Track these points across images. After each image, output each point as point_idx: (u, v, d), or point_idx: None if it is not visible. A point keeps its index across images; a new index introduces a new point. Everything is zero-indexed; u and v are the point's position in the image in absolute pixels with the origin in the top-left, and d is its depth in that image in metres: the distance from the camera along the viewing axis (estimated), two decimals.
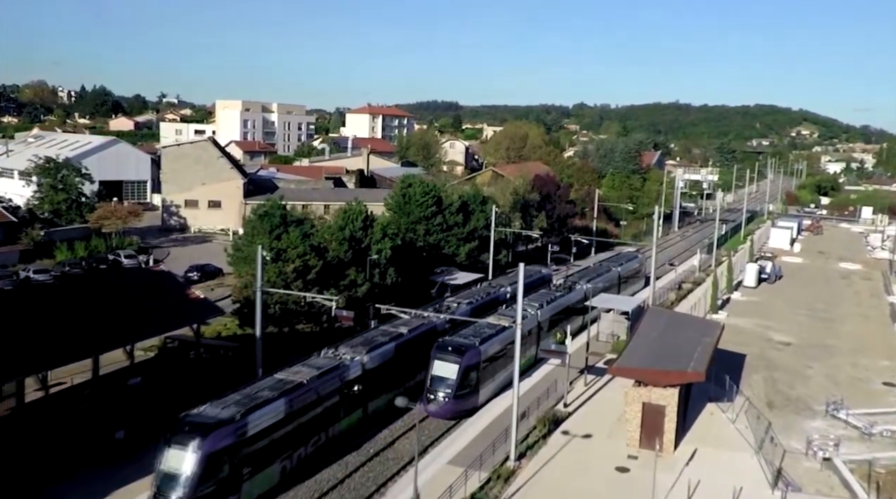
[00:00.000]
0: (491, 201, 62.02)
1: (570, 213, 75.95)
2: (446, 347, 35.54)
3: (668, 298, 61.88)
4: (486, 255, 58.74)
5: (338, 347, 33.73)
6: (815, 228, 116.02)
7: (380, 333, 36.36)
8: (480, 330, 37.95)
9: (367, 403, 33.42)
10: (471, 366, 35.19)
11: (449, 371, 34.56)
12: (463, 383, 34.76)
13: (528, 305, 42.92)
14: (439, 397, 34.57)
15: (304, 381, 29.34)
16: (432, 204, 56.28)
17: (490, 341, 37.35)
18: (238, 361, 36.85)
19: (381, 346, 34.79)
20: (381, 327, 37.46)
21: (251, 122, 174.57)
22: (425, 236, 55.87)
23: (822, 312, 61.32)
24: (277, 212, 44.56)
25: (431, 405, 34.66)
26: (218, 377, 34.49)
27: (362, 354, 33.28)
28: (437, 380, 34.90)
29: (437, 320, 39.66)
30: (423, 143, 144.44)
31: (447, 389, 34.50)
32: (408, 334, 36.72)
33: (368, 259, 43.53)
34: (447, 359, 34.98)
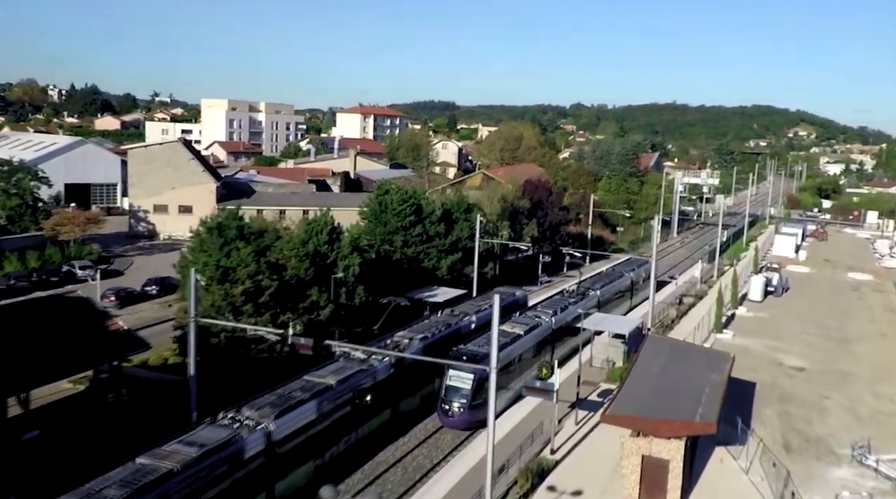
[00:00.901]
0: (476, 209, 57.17)
1: (563, 220, 71.19)
2: (461, 357, 34.68)
3: (669, 314, 57.05)
4: (471, 268, 53.92)
5: (240, 409, 26.53)
6: (820, 234, 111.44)
7: (300, 387, 28.97)
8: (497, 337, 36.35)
9: (272, 485, 26.38)
10: (486, 376, 32.12)
11: (464, 381, 34.09)
12: (478, 393, 33.69)
13: (542, 312, 43.49)
14: (454, 407, 34.00)
15: (173, 468, 21.40)
16: (411, 213, 51.43)
17: (506, 349, 36.32)
18: (175, 400, 31.87)
19: (298, 405, 27.62)
20: (305, 376, 30.06)
21: (237, 122, 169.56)
22: (403, 249, 51.01)
23: (834, 331, 56.55)
24: (233, 224, 39.58)
25: (447, 416, 34.17)
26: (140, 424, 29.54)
27: (269, 420, 26.01)
28: (452, 390, 34.31)
29: (379, 365, 32.29)
30: (412, 144, 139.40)
31: (462, 399, 33.93)
32: (336, 387, 29.52)
33: (333, 278, 38.64)
34: (462, 368, 34.10)
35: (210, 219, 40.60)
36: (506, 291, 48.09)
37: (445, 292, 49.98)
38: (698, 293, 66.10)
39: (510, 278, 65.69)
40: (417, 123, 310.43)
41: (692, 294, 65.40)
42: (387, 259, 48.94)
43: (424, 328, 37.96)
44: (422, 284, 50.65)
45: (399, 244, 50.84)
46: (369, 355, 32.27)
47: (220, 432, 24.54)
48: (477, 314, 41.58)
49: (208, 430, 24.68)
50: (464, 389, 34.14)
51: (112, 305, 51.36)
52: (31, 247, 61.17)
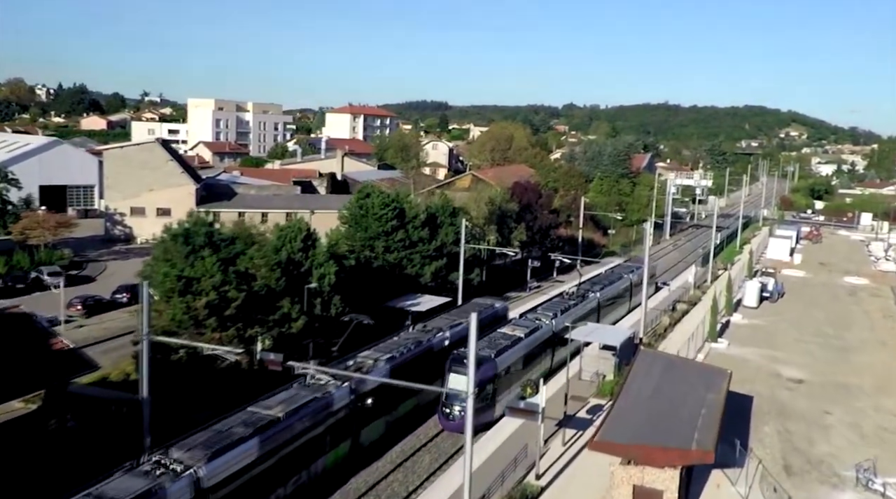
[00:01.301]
0: (461, 213, 54.93)
1: (553, 223, 69.05)
2: (461, 360, 33.50)
3: (662, 322, 54.95)
4: (456, 274, 51.70)
5: (168, 450, 23.06)
6: (815, 236, 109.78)
7: (242, 421, 25.19)
8: (496, 341, 37.28)
9: None
10: (487, 378, 34.10)
11: (464, 384, 30.82)
12: (479, 396, 32.90)
13: (543, 315, 43.20)
14: (455, 410, 33.30)
15: None
16: (393, 217, 49.14)
17: (507, 353, 36.47)
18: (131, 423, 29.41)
19: (237, 443, 24.09)
20: (249, 407, 26.53)
21: (224, 122, 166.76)
22: (384, 255, 48.74)
23: (833, 339, 54.59)
24: (201, 230, 37.21)
25: (448, 420, 33.66)
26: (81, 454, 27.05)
27: (199, 464, 22.45)
28: (453, 393, 32.70)
29: (336, 391, 28.76)
30: (401, 144, 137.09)
31: (463, 402, 31.96)
32: (284, 420, 25.90)
33: (306, 288, 36.32)
34: (463, 371, 32.79)
35: (178, 224, 38.26)
36: (483, 302, 45.78)
37: (429, 300, 47.72)
38: (692, 299, 64.05)
39: (498, 284, 63.55)
40: (408, 124, 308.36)
41: (686, 300, 63.36)
42: (367, 266, 46.67)
43: (392, 347, 34.27)
44: (404, 292, 48.40)
45: (380, 250, 48.58)
46: (333, 377, 29.42)
47: (137, 482, 20.64)
48: (451, 329, 38.20)
49: (124, 480, 20.78)
50: (464, 391, 31.65)
51: (78, 314, 48.96)
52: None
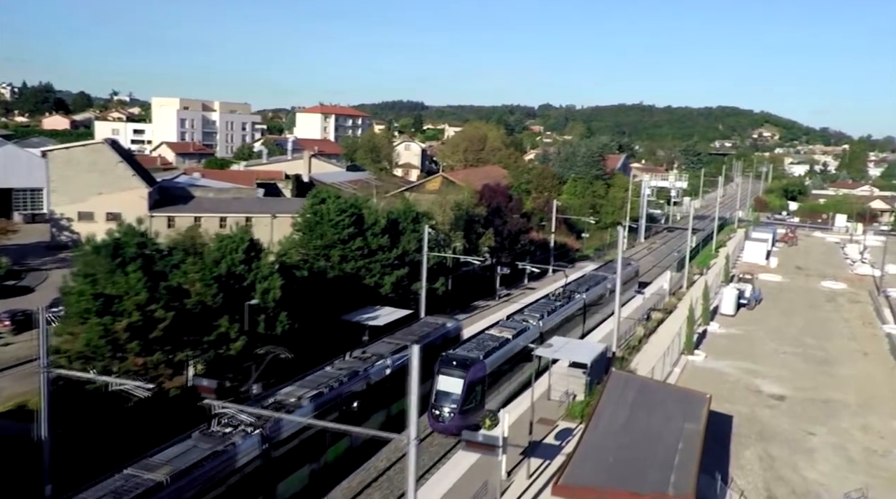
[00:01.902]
0: (425, 219, 51.80)
1: (524, 228, 66.20)
2: (451, 362, 34.41)
3: (636, 333, 52.28)
4: (419, 284, 48.54)
5: None
6: (790, 239, 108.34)
7: (114, 489, 19.93)
8: (485, 343, 37.34)
9: None
10: (476, 380, 34.22)
11: (454, 386, 33.63)
12: (468, 398, 33.67)
13: (530, 316, 43.39)
14: (445, 412, 33.40)
15: None
16: (350, 224, 45.84)
17: (495, 354, 36.40)
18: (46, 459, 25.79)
19: None
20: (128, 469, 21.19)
21: (189, 122, 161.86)
22: (341, 264, 45.44)
23: (813, 349, 52.34)
24: (132, 241, 33.62)
25: (437, 421, 33.54)
26: None
27: None
28: (443, 395, 33.71)
29: (243, 441, 23.62)
30: (371, 145, 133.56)
31: (452, 404, 33.40)
32: (170, 485, 20.68)
33: (246, 305, 32.94)
34: (452, 373, 33.84)
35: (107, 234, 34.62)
36: (434, 322, 41.36)
37: (389, 313, 44.50)
38: (667, 307, 61.56)
39: (465, 293, 60.50)
40: (382, 124, 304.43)
41: (661, 308, 60.84)
42: (321, 277, 43.34)
43: (320, 381, 29.47)
44: (363, 304, 45.15)
45: (336, 259, 45.25)
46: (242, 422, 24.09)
47: None
48: (393, 357, 33.64)
49: None
50: (454, 394, 33.54)
51: (6, 330, 44.99)
52: None
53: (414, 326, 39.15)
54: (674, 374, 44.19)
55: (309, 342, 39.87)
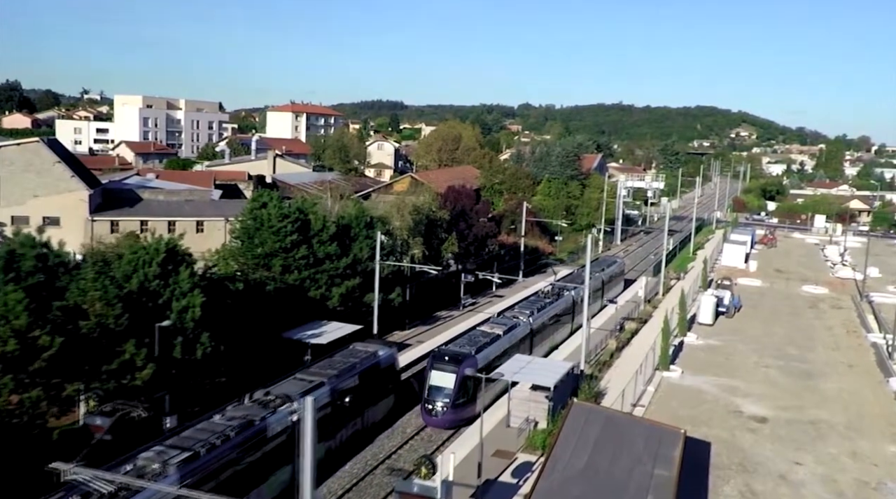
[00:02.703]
0: (379, 224, 47.76)
1: (491, 232, 62.34)
2: (443, 357, 35.12)
3: (608, 347, 48.61)
4: (372, 295, 44.49)
5: None
6: (769, 241, 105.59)
7: None
8: (476, 338, 38.18)
9: None
10: (468, 375, 34.58)
11: (446, 381, 34.23)
12: (461, 392, 34.37)
13: (520, 312, 44.21)
14: (437, 406, 34.05)
15: None
16: (294, 230, 41.67)
17: (486, 349, 37.11)
18: None
19: None
20: None
21: (152, 121, 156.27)
22: (283, 275, 41.25)
23: (796, 361, 48.98)
24: (30, 253, 29.25)
25: (430, 416, 34.23)
26: None
27: None
28: (435, 390, 34.36)
29: None
30: (340, 144, 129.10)
31: (445, 398, 34.09)
32: None
33: (157, 327, 28.68)
34: (444, 368, 34.51)
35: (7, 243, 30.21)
36: (363, 350, 35.28)
37: (336, 329, 40.41)
38: (642, 316, 58.02)
39: (428, 302, 56.56)
40: (357, 122, 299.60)
41: (636, 317, 57.27)
42: (259, 290, 39.13)
43: (198, 438, 23.04)
44: (308, 318, 41.07)
45: (278, 270, 41.05)
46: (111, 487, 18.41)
47: None
48: (300, 398, 25.89)
49: None
50: (446, 388, 34.13)
51: None
52: None
53: (337, 357, 33.63)
54: (647, 393, 40.55)
55: (245, 363, 35.78)
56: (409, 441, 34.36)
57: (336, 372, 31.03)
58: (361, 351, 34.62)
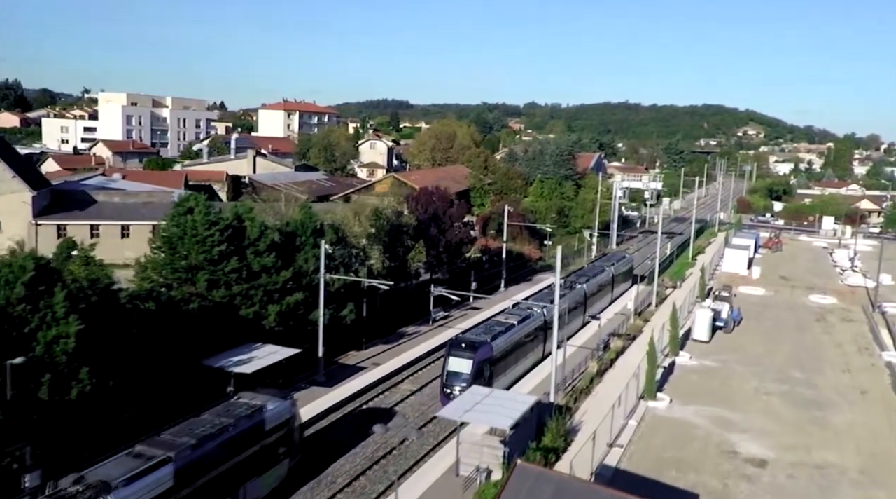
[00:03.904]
0: (330, 231, 42.38)
1: (466, 238, 56.85)
2: (460, 344, 36.82)
3: (588, 370, 43.06)
4: (317, 312, 39.10)
5: None
6: (775, 244, 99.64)
7: None
8: (492, 327, 39.79)
9: None
10: (484, 361, 36.43)
11: (463, 366, 35.83)
12: (477, 378, 35.73)
13: (535, 304, 45.68)
14: (455, 390, 35.13)
15: None
16: (223, 239, 36.33)
17: (501, 338, 38.71)
18: None
19: None
20: None
21: (136, 119, 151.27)
22: (211, 291, 35.91)
23: (801, 387, 43.34)
24: None
25: (448, 399, 34.38)
26: None
27: None
28: (453, 375, 35.95)
29: None
30: (325, 143, 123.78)
31: (462, 383, 35.37)
32: None
33: (8, 364, 23.39)
34: (461, 355, 36.17)
35: None
36: (248, 403, 26.74)
37: (267, 353, 35.17)
38: (631, 331, 52.51)
39: (394, 316, 51.02)
40: (356, 121, 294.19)
41: (623, 333, 51.75)
42: (176, 308, 33.79)
43: None
44: (241, 341, 35.79)
45: (203, 285, 35.72)
46: None
47: None
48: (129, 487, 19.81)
49: None
50: (463, 373, 35.71)
51: None
52: None
53: (205, 417, 25.41)
54: (628, 429, 35.06)
55: (151, 399, 30.51)
56: None
57: (193, 441, 23.03)
58: (243, 406, 26.51)
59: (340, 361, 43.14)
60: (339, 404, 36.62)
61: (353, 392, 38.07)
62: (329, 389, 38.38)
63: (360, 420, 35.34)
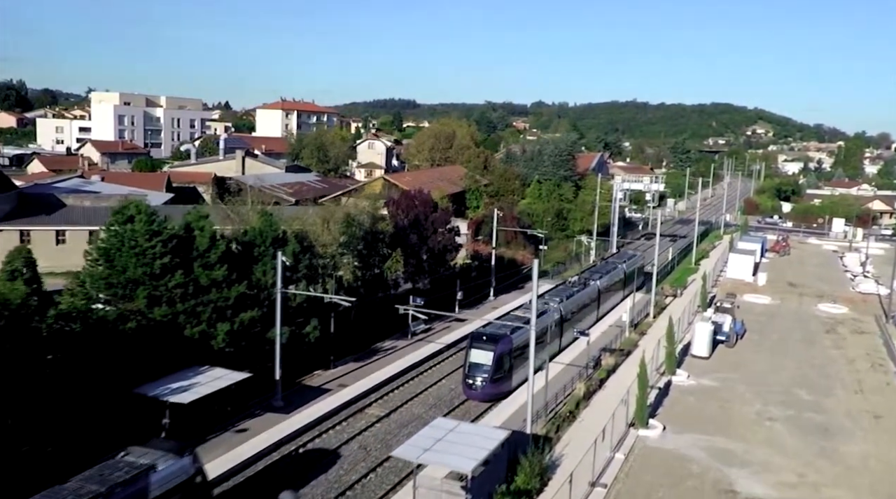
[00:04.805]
0: (293, 240, 38.83)
1: (450, 244, 53.17)
2: (481, 337, 38.93)
3: (576, 391, 39.31)
4: (275, 331, 35.56)
5: None
6: (782, 248, 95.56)
7: None
8: (511, 321, 41.09)
9: None
10: (504, 353, 38.28)
11: (485, 358, 37.58)
12: (498, 369, 37.71)
13: (550, 299, 47.09)
14: (477, 381, 37.27)
15: None
16: (165, 252, 32.85)
17: (520, 331, 39.52)
18: None
19: None
20: None
21: (129, 118, 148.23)
22: (152, 309, 32.43)
23: (809, 411, 39.52)
24: None
25: (471, 389, 37.39)
26: None
27: None
28: (475, 366, 37.67)
29: None
30: (318, 143, 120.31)
31: (484, 374, 37.39)
32: None
33: None
34: (483, 347, 38.07)
35: None
36: (132, 462, 21.88)
37: (214, 379, 31.73)
38: (625, 345, 48.79)
39: (371, 328, 47.38)
40: (358, 121, 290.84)
41: (616, 349, 47.99)
42: (110, 329, 30.31)
43: None
44: (186, 364, 32.34)
45: (142, 302, 32.23)
46: None
47: None
48: None
49: None
50: (485, 365, 37.45)
51: None
52: None
53: (71, 485, 20.30)
54: (615, 462, 31.40)
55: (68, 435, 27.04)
56: None
57: None
58: (124, 468, 21.33)
59: (304, 382, 39.60)
60: (293, 435, 33.04)
61: (311, 420, 34.51)
62: (286, 415, 34.84)
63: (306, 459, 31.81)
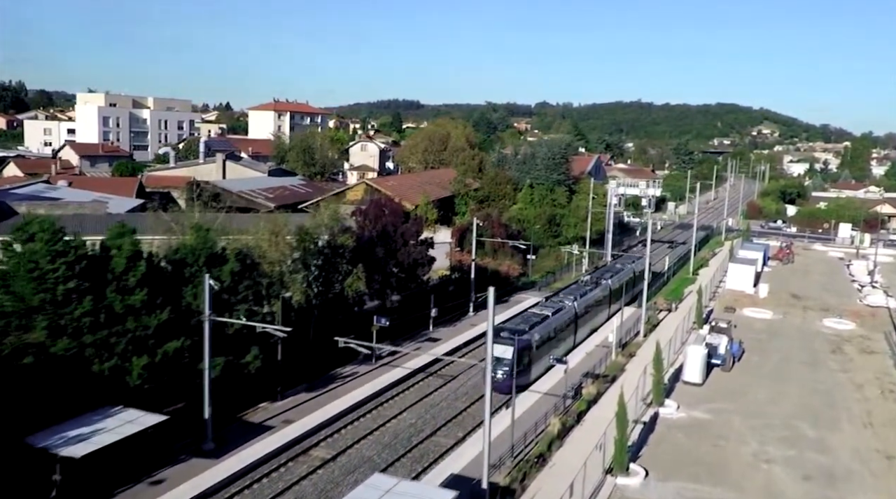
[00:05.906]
0: (234, 257, 34.58)
1: (421, 258, 48.88)
2: (501, 333, 39.30)
3: (549, 430, 34.94)
4: (204, 363, 31.29)
5: None
6: (785, 255, 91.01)
7: None
8: (528, 318, 43.98)
9: None
10: (524, 348, 39.86)
11: (506, 352, 38.43)
12: (518, 362, 38.79)
13: (566, 297, 49.66)
14: (499, 374, 37.26)
15: None
16: (71, 275, 28.68)
17: (538, 327, 42.41)
18: None
19: None
20: None
21: (114, 120, 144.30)
22: (54, 340, 28.24)
23: (812, 450, 35.10)
24: None
25: (493, 382, 33.23)
26: None
27: None
28: (496, 361, 35.86)
29: None
30: (304, 145, 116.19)
31: (505, 367, 38.12)
32: None
33: None
34: (504, 342, 38.77)
35: None
36: None
37: (123, 423, 27.62)
38: (610, 371, 44.36)
39: (326, 355, 43.08)
40: (356, 122, 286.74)
41: (600, 374, 43.59)
42: (7, 365, 26.14)
43: None
44: (94, 405, 28.17)
45: (42, 334, 28.03)
46: None
47: None
48: None
49: None
50: (506, 359, 38.45)
51: None
52: None
53: None
54: None
55: None
56: None
57: None
58: None
59: (245, 418, 35.33)
60: (218, 486, 28.71)
61: (243, 466, 30.20)
62: (215, 460, 30.53)
63: None
